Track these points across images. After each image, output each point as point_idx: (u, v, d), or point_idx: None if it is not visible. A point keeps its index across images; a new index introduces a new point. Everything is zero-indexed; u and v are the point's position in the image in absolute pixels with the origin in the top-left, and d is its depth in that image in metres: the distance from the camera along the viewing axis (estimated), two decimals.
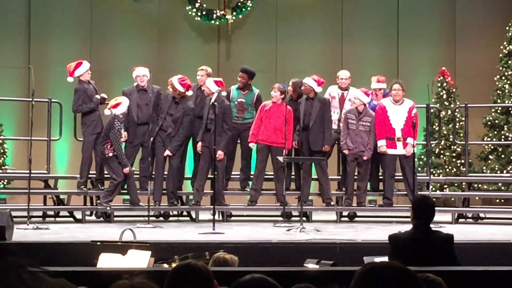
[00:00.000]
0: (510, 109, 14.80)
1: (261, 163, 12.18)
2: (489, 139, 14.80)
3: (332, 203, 12.32)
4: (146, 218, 11.29)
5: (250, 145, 12.15)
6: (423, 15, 16.12)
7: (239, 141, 12.57)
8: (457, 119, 14.30)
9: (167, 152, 11.88)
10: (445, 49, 16.15)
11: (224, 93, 12.12)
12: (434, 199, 12.41)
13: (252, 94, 12.52)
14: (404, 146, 11.99)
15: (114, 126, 11.70)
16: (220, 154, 11.80)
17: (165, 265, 6.72)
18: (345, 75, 12.73)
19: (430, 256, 5.95)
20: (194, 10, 15.78)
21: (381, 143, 12.01)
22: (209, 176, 12.08)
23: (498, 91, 15.05)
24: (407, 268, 2.38)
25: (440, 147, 14.85)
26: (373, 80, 12.50)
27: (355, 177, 12.34)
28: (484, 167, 14.76)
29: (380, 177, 12.46)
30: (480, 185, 14.37)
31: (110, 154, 11.74)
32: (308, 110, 12.12)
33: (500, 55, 15.19)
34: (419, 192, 11.97)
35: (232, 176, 12.64)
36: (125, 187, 12.08)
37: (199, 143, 11.97)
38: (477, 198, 14.12)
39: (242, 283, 3.00)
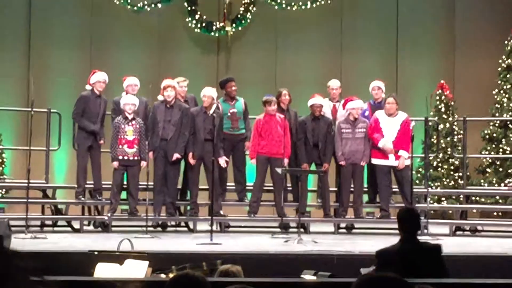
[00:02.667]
0: (508, 122, 14.81)
1: (261, 175, 12.19)
2: (487, 152, 14.81)
3: (329, 214, 12.39)
4: (144, 228, 11.29)
5: (252, 161, 12.18)
6: (422, 27, 16.16)
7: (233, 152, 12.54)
8: (455, 132, 14.31)
9: (176, 155, 11.86)
10: (444, 62, 16.18)
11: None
12: (431, 211, 12.49)
13: (239, 103, 12.54)
14: (396, 158, 12.04)
15: (115, 121, 11.81)
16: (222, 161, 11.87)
17: (163, 275, 6.72)
18: (335, 84, 12.83)
19: (419, 267, 5.95)
20: (194, 22, 15.82)
21: (381, 143, 12.03)
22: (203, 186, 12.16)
23: (496, 105, 15.07)
24: (403, 279, 2.39)
25: (438, 160, 14.86)
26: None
27: (351, 189, 12.37)
28: (482, 180, 14.77)
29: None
30: (478, 198, 14.37)
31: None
32: (317, 130, 12.18)
33: (499, 68, 15.22)
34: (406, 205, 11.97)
35: (227, 187, 12.63)
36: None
37: (191, 154, 11.92)
38: (474, 211, 14.12)
39: None
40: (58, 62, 15.58)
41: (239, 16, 15.92)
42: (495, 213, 14.38)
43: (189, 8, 15.85)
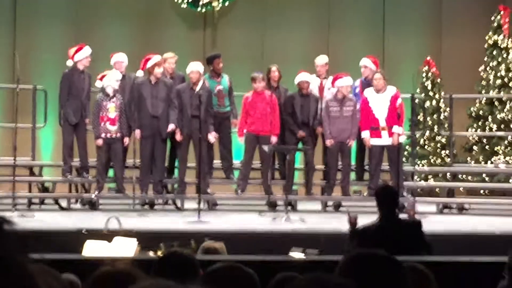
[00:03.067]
0: (494, 100, 14.84)
1: (249, 152, 12.19)
2: (473, 130, 14.84)
3: (311, 192, 12.39)
4: (132, 207, 11.28)
5: (240, 139, 12.17)
6: (409, 4, 16.12)
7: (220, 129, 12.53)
8: (441, 110, 14.33)
9: (171, 126, 11.84)
10: (431, 39, 16.17)
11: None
12: (418, 189, 12.52)
13: (225, 80, 12.51)
14: (390, 135, 12.01)
15: (96, 98, 11.77)
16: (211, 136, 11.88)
17: (151, 253, 6.72)
18: (321, 61, 12.74)
19: (399, 244, 5.96)
20: None
21: (364, 134, 12.06)
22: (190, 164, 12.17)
23: (483, 82, 15.09)
24: (392, 256, 2.39)
25: (425, 137, 14.87)
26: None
27: (339, 167, 12.38)
28: (468, 158, 14.81)
29: (365, 167, 12.52)
30: (464, 176, 14.41)
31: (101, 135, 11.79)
32: (305, 107, 12.16)
33: (485, 45, 15.22)
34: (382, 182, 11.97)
35: (214, 165, 12.62)
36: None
37: (178, 131, 11.90)
38: (461, 188, 14.17)
39: (215, 270, 3.01)
40: (44, 39, 15.47)
41: None
42: (482, 191, 14.43)
43: None
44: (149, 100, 11.83)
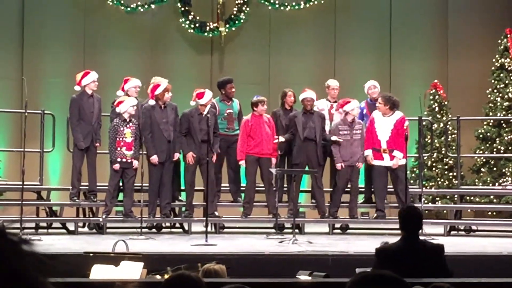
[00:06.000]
0: (502, 122, 14.84)
1: (251, 175, 12.20)
2: (481, 151, 14.83)
3: (326, 214, 12.35)
4: (139, 230, 11.29)
5: (241, 162, 12.19)
6: (415, 27, 16.18)
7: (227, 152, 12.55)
8: (449, 132, 14.34)
9: (177, 154, 11.91)
10: (438, 62, 16.20)
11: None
12: (426, 211, 12.51)
13: (235, 104, 12.57)
14: (391, 158, 12.03)
15: (112, 122, 11.79)
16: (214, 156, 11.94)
17: (158, 277, 6.72)
18: (336, 84, 12.86)
19: (420, 266, 5.94)
20: (188, 22, 15.82)
21: (367, 153, 12.09)
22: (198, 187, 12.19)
23: (490, 104, 15.10)
24: (399, 276, 2.40)
25: (433, 159, 14.88)
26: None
27: (348, 189, 12.35)
28: (476, 180, 14.79)
29: (373, 190, 12.52)
30: (472, 198, 14.39)
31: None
32: (309, 124, 12.14)
33: (492, 68, 15.24)
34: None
35: (222, 188, 12.64)
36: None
37: (190, 155, 11.93)
38: (469, 210, 14.15)
39: None
40: (51, 63, 15.56)
41: (232, 16, 15.93)
42: (489, 213, 14.40)
43: (182, 9, 15.86)
44: (162, 125, 11.87)
